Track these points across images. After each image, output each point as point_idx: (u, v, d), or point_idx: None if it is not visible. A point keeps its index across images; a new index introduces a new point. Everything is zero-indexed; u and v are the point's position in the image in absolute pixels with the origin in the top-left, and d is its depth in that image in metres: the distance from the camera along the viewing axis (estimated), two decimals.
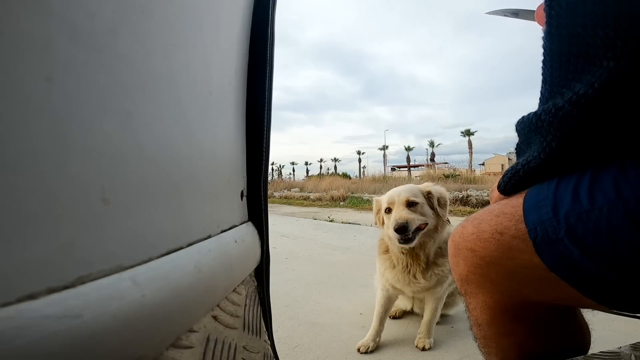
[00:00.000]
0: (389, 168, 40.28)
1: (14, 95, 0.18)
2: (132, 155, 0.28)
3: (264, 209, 0.61)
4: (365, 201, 9.33)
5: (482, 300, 0.51)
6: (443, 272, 1.19)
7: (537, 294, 0.44)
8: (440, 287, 1.24)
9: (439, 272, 1.19)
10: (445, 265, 1.20)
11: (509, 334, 0.51)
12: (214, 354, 0.37)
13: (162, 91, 0.32)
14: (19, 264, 0.19)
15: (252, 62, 0.57)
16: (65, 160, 0.21)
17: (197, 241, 0.38)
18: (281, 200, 11.57)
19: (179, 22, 0.35)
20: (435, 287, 1.23)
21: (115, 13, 0.25)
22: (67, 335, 0.20)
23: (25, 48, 0.19)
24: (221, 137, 0.47)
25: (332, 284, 1.97)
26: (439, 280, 1.20)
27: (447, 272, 1.20)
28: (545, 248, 0.38)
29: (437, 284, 1.22)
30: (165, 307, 0.29)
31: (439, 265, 1.20)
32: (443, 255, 1.20)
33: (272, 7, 0.58)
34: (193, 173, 0.38)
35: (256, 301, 0.55)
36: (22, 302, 0.19)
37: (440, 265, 1.20)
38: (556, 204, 0.37)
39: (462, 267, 0.50)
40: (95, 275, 0.23)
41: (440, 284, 1.23)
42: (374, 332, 1.23)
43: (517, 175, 0.44)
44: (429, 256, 1.20)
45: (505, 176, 0.46)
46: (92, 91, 0.23)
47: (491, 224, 0.44)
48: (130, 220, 0.27)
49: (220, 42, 0.46)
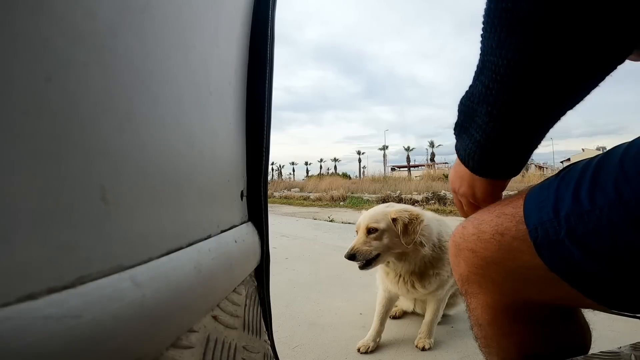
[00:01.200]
0: (389, 168, 40.29)
1: (14, 95, 0.18)
2: (132, 155, 0.28)
3: (264, 209, 0.61)
4: (365, 201, 9.33)
5: (482, 300, 0.51)
6: (441, 276, 1.19)
7: (538, 294, 0.44)
8: (441, 290, 1.24)
9: (437, 278, 1.19)
10: (442, 269, 1.19)
11: (509, 334, 0.51)
12: (214, 354, 0.37)
13: (162, 91, 0.32)
14: (19, 264, 0.19)
15: (252, 62, 0.57)
16: (65, 160, 0.21)
17: (197, 241, 0.38)
18: (281, 200, 11.57)
19: (179, 22, 0.35)
20: (437, 290, 1.23)
21: (115, 13, 0.25)
22: (67, 336, 0.20)
23: (25, 48, 0.19)
24: (221, 137, 0.47)
25: (332, 284, 1.97)
26: (440, 284, 1.20)
27: (447, 275, 1.20)
28: (546, 249, 0.38)
29: (438, 287, 1.21)
30: (165, 307, 0.29)
31: (436, 272, 1.19)
32: (437, 263, 1.19)
33: (272, 7, 0.58)
34: (193, 173, 0.38)
35: (256, 301, 0.55)
36: (21, 302, 0.19)
37: (438, 269, 1.19)
38: (557, 204, 0.37)
39: (463, 267, 0.50)
40: (95, 275, 0.23)
41: (441, 287, 1.22)
42: (374, 332, 1.23)
43: (482, 147, 0.42)
44: (418, 269, 1.19)
45: (468, 152, 0.44)
46: (92, 91, 0.23)
47: (492, 225, 0.44)
48: (130, 220, 0.27)
49: (220, 42, 0.46)
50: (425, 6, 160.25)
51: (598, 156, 0.37)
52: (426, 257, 1.17)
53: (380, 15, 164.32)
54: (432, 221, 1.23)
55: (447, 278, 1.20)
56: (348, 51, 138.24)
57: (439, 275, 1.18)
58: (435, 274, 1.18)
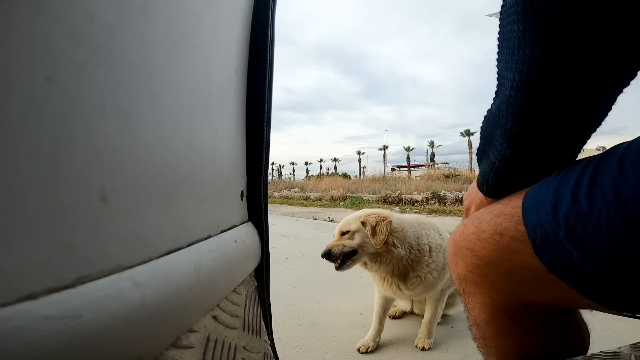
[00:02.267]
0: (389, 168, 40.28)
1: (14, 95, 0.18)
2: (132, 155, 0.28)
3: (264, 209, 0.61)
4: (365, 201, 9.33)
5: (480, 300, 0.51)
6: (421, 278, 1.20)
7: (537, 294, 0.44)
8: (432, 290, 1.24)
9: (417, 279, 1.20)
10: (421, 271, 1.20)
11: (508, 334, 0.51)
12: (214, 354, 0.37)
13: (162, 91, 0.32)
14: (19, 264, 0.19)
15: (252, 62, 0.57)
16: (65, 160, 0.21)
17: (197, 241, 0.38)
18: (281, 200, 11.57)
19: (179, 22, 0.35)
20: (426, 291, 1.23)
21: (114, 13, 0.25)
22: (66, 336, 0.20)
23: (25, 48, 0.19)
24: (221, 137, 0.47)
25: (332, 284, 1.97)
26: (426, 286, 1.21)
27: (432, 277, 1.20)
28: (544, 249, 0.38)
29: (426, 289, 1.22)
30: (165, 307, 0.29)
31: (416, 274, 1.20)
32: (417, 265, 1.20)
33: (272, 7, 0.58)
34: (193, 173, 0.38)
35: (256, 301, 0.55)
36: (21, 302, 0.19)
37: (417, 271, 1.20)
38: (556, 205, 0.37)
39: (461, 266, 0.50)
40: (95, 275, 0.23)
41: (431, 288, 1.23)
42: (373, 332, 1.24)
43: (497, 170, 0.44)
44: (398, 272, 1.21)
45: (484, 176, 0.46)
46: (91, 91, 0.23)
47: (491, 225, 0.44)
48: (130, 220, 0.27)
49: (220, 42, 0.46)
50: (425, 6, 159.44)
51: (597, 156, 0.37)
52: (403, 259, 1.19)
53: (380, 15, 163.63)
54: (410, 223, 1.25)
55: (434, 280, 1.21)
56: (348, 51, 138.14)
57: (418, 276, 1.20)
58: (416, 276, 1.20)
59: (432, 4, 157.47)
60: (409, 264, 1.20)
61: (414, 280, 1.20)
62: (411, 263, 1.20)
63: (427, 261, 1.20)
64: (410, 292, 1.21)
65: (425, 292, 1.24)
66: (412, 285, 1.20)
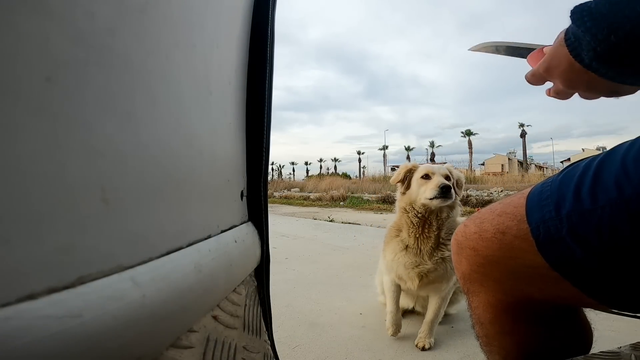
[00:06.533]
0: (389, 168, 40.26)
1: (14, 95, 0.18)
2: (132, 155, 0.28)
3: (264, 209, 0.61)
4: (365, 201, 9.32)
5: (484, 299, 0.51)
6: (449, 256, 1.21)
7: (540, 293, 0.44)
8: (446, 284, 1.24)
9: (445, 255, 1.22)
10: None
11: (511, 332, 0.51)
12: (214, 354, 0.37)
13: (162, 91, 0.32)
14: (19, 264, 0.19)
15: (252, 62, 0.57)
16: (65, 161, 0.21)
17: (197, 241, 0.38)
18: (281, 200, 11.57)
19: (179, 22, 0.35)
20: (441, 281, 1.23)
21: (114, 13, 0.25)
22: (67, 336, 0.20)
23: (25, 48, 0.19)
24: (221, 137, 0.47)
25: (332, 284, 1.97)
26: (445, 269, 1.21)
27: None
28: (547, 247, 0.38)
29: (441, 277, 1.22)
30: (165, 307, 0.29)
31: (446, 247, 1.23)
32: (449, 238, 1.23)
33: (272, 7, 0.58)
34: (193, 173, 0.38)
35: (256, 301, 0.55)
36: (21, 302, 0.19)
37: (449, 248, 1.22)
38: (558, 203, 0.37)
39: (465, 265, 0.50)
40: (95, 275, 0.23)
41: (445, 279, 1.23)
42: (391, 317, 1.26)
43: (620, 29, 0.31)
44: (440, 230, 1.23)
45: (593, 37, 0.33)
46: (91, 91, 0.23)
47: (493, 224, 0.44)
48: (130, 220, 0.27)
49: (220, 42, 0.46)
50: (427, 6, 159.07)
51: (600, 155, 0.37)
52: (453, 223, 1.26)
53: (382, 15, 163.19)
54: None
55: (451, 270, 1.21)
56: (350, 51, 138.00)
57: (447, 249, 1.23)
58: (446, 248, 1.23)
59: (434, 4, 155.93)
60: (447, 237, 1.24)
61: (444, 250, 1.23)
62: (447, 237, 1.24)
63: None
64: (431, 265, 1.22)
65: (442, 281, 1.24)
66: (438, 261, 1.22)
